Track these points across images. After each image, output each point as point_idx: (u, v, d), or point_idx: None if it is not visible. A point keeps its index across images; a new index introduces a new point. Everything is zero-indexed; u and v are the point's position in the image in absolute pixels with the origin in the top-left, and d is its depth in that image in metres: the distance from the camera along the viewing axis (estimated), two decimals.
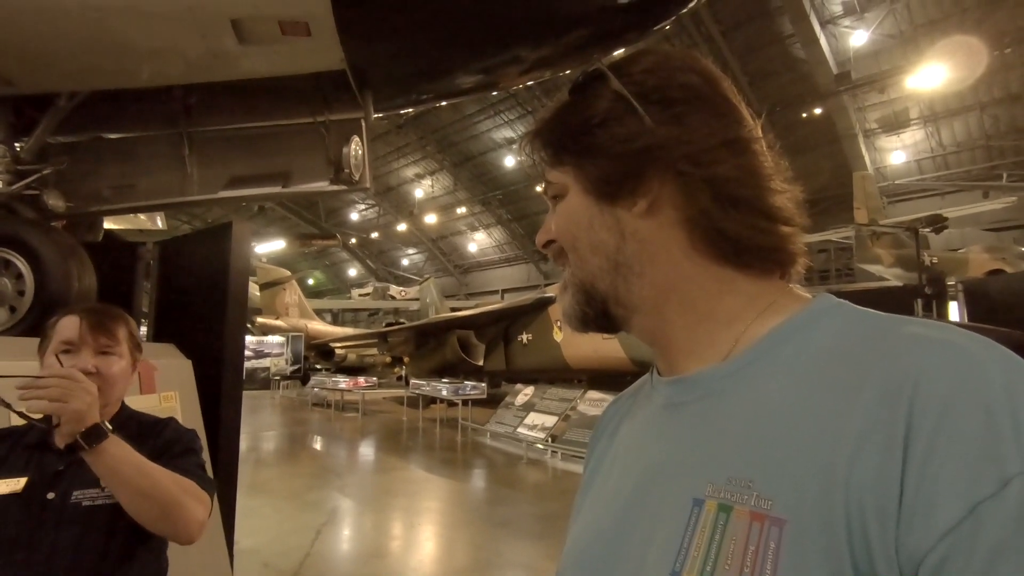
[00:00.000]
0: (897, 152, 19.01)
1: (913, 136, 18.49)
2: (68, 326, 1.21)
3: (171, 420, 1.36)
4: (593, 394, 8.79)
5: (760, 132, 0.55)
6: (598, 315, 0.58)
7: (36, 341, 1.28)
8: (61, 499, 1.13)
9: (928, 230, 11.08)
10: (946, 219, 11.32)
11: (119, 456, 1.08)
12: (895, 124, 18.29)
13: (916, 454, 0.37)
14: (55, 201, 2.64)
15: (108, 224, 4.06)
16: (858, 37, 15.85)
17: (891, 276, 13.86)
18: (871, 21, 15.51)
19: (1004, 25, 14.05)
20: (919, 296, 7.07)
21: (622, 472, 0.57)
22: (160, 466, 1.14)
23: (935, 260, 11.96)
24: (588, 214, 0.57)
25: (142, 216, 8.76)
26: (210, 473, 1.34)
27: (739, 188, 0.52)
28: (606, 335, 0.63)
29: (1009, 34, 14.18)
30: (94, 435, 1.05)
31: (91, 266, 2.61)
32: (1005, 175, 15.91)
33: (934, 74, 13.00)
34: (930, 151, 18.47)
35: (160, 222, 10.33)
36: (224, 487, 2.56)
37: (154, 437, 1.27)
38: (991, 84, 15.70)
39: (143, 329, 3.76)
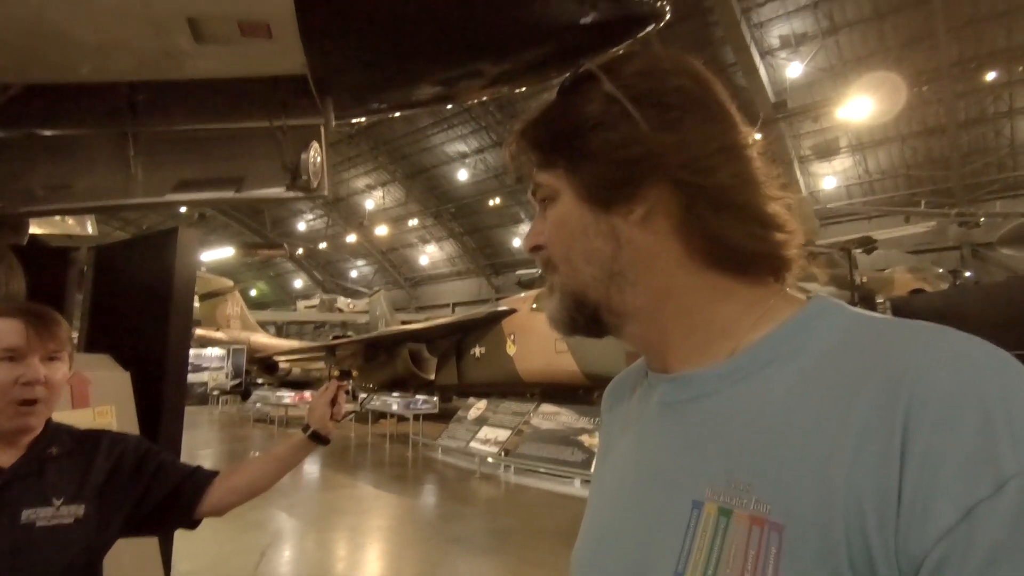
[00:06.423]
0: (828, 177, 20.24)
1: (843, 163, 19.76)
2: (9, 331, 1.07)
3: (105, 433, 1.25)
4: (546, 408, 8.78)
5: (752, 138, 0.55)
6: (588, 321, 0.57)
7: None
8: (10, 520, 1.01)
9: (860, 251, 11.80)
10: (876, 241, 12.10)
11: None
12: (827, 151, 19.50)
13: (913, 457, 0.37)
14: None
15: (33, 228, 3.78)
16: (794, 69, 16.86)
17: (826, 293, 14.62)
18: (805, 54, 16.56)
19: (921, 64, 15.29)
20: None
21: (622, 473, 0.57)
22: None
23: (865, 279, 12.71)
24: (582, 222, 0.55)
25: (70, 220, 8.19)
26: None
27: (735, 195, 0.52)
28: (577, 342, 0.62)
29: (926, 73, 15.44)
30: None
31: (20, 271, 2.43)
32: (923, 202, 17.23)
33: (861, 106, 13.95)
34: (858, 177, 19.78)
35: (90, 227, 9.69)
36: None
37: (100, 453, 1.17)
38: (910, 118, 17.02)
39: (74, 337, 3.52)
